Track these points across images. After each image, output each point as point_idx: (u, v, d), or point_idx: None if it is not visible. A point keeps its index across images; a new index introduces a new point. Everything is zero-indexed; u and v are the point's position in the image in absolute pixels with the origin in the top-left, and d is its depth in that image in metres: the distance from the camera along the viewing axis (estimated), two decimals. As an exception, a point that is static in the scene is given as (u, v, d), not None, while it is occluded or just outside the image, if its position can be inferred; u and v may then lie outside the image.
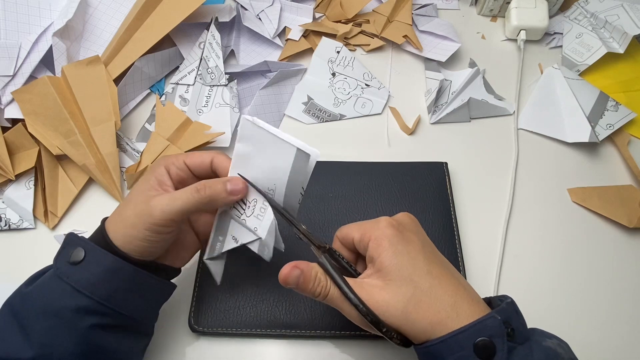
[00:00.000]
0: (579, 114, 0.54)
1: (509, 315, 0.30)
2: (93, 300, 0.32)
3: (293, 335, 0.42)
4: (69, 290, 0.32)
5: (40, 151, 0.50)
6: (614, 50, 0.58)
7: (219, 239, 0.37)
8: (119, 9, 0.58)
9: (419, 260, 0.32)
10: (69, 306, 0.31)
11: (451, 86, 0.58)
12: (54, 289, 0.32)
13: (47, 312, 0.31)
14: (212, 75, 0.57)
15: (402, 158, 0.52)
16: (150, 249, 0.33)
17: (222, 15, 0.60)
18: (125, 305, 0.33)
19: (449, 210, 0.48)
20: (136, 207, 0.33)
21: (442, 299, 0.30)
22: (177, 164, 0.35)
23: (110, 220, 0.34)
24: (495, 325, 0.29)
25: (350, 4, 0.63)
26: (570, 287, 0.46)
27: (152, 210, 0.32)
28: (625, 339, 0.43)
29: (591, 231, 0.49)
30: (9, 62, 0.51)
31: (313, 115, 0.57)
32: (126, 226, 0.33)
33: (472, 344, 0.28)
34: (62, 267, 0.32)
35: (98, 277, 0.32)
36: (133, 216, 0.33)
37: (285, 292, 0.43)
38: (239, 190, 0.34)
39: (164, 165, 0.35)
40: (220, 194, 0.33)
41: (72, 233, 0.34)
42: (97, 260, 0.32)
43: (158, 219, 0.32)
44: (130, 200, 0.34)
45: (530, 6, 0.61)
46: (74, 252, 0.33)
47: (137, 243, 0.32)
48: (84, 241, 0.33)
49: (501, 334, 0.29)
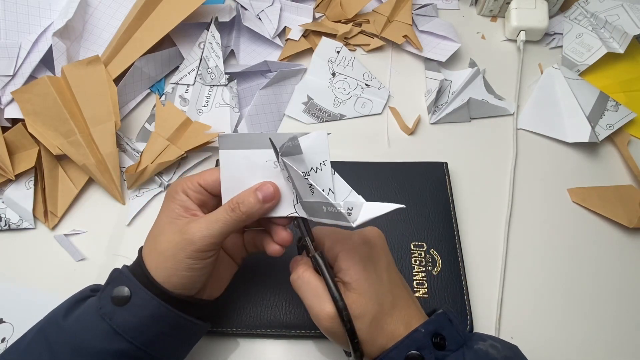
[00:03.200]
0: (579, 114, 0.54)
1: (440, 325, 0.32)
2: (133, 345, 0.31)
3: (293, 335, 0.42)
4: (111, 333, 0.30)
5: (40, 151, 0.50)
6: (614, 50, 0.58)
7: (324, 209, 0.32)
8: (119, 9, 0.58)
9: (384, 279, 0.33)
10: (108, 349, 0.30)
11: (451, 86, 0.58)
12: (94, 327, 0.31)
13: (84, 351, 0.30)
14: (212, 75, 0.57)
15: (402, 158, 0.52)
16: (194, 278, 0.32)
17: (222, 15, 0.60)
18: (163, 350, 0.33)
19: (449, 210, 0.48)
20: (173, 238, 0.32)
21: (400, 320, 0.32)
22: (193, 187, 0.34)
23: (146, 253, 0.33)
24: (421, 338, 0.31)
25: (350, 4, 0.63)
26: (570, 287, 0.46)
27: (191, 237, 0.31)
28: (625, 338, 0.43)
29: (591, 231, 0.49)
30: (9, 62, 0.51)
31: (313, 115, 0.57)
32: (166, 259, 0.31)
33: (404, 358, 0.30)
34: (106, 307, 0.31)
35: (141, 322, 0.31)
36: (172, 248, 0.31)
37: (285, 292, 0.43)
38: (271, 195, 0.32)
39: (181, 191, 0.33)
40: (255, 205, 0.32)
41: (117, 269, 0.33)
42: (142, 304, 0.31)
43: (200, 245, 0.31)
44: (161, 232, 0.33)
45: (530, 7, 0.61)
46: (117, 289, 0.31)
47: (180, 275, 0.31)
48: (129, 279, 0.32)
49: (427, 345, 0.30)
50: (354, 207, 0.30)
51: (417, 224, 0.47)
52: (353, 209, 0.30)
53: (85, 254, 0.47)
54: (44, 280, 0.46)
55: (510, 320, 0.44)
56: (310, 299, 0.32)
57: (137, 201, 0.50)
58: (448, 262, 0.45)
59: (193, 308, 0.34)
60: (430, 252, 0.45)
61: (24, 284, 0.46)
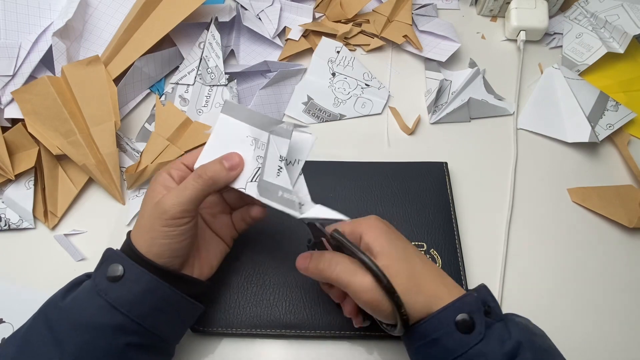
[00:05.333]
0: (579, 114, 0.54)
1: (486, 296, 0.33)
2: (129, 318, 0.32)
3: (293, 335, 0.42)
4: (107, 307, 0.32)
5: (40, 151, 0.50)
6: (614, 50, 0.58)
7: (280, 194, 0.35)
8: (119, 9, 0.58)
9: (409, 248, 0.35)
10: (105, 323, 0.32)
11: (451, 86, 0.58)
12: (91, 304, 0.32)
13: (83, 327, 0.32)
14: (212, 75, 0.57)
15: (402, 158, 0.52)
16: (172, 246, 0.34)
17: (222, 15, 0.60)
18: (159, 325, 0.34)
19: (449, 210, 0.48)
20: (150, 211, 0.34)
21: (435, 279, 0.34)
22: (176, 166, 0.37)
23: (133, 233, 0.35)
24: (473, 302, 0.32)
25: (350, 4, 0.63)
26: (570, 287, 0.46)
27: (164, 206, 0.33)
28: (625, 338, 0.43)
29: (591, 231, 0.49)
30: (9, 62, 0.51)
31: (313, 115, 0.57)
32: (146, 231, 0.34)
33: (454, 321, 0.31)
34: (101, 283, 0.33)
35: (136, 296, 0.33)
36: (150, 220, 0.34)
37: (285, 292, 0.43)
38: (236, 163, 0.35)
39: (165, 172, 0.36)
40: (221, 172, 0.35)
41: (110, 248, 0.35)
42: (136, 278, 0.33)
43: (172, 213, 0.33)
44: (143, 209, 0.35)
45: (530, 6, 0.61)
46: (112, 267, 0.33)
47: (158, 243, 0.33)
48: (121, 257, 0.34)
49: (479, 309, 0.32)
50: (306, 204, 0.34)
51: (417, 224, 0.47)
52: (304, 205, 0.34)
53: (85, 254, 0.47)
54: (44, 280, 0.46)
55: (510, 320, 0.44)
56: (347, 277, 0.33)
57: (137, 201, 0.50)
58: (448, 262, 0.45)
59: (185, 285, 0.35)
60: (430, 252, 0.45)
61: (24, 284, 0.46)
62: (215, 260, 0.39)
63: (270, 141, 0.35)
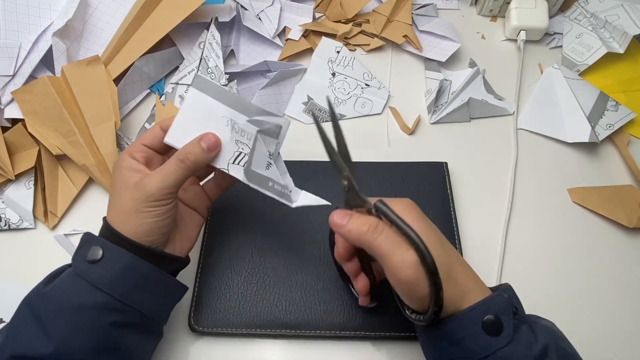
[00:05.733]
0: (579, 114, 0.54)
1: (513, 297, 0.32)
2: (112, 297, 0.32)
3: (293, 335, 0.42)
4: (89, 288, 0.32)
5: (40, 151, 0.50)
6: (614, 50, 0.58)
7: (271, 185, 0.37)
8: (119, 9, 0.58)
9: (444, 238, 0.34)
10: (88, 303, 0.32)
11: (451, 86, 0.58)
12: (73, 287, 0.33)
13: (67, 309, 0.32)
14: (212, 75, 0.57)
15: (402, 158, 0.52)
16: (158, 223, 0.34)
17: (222, 15, 0.60)
18: (142, 302, 0.34)
19: (449, 210, 0.48)
20: (132, 195, 0.34)
21: (468, 273, 0.33)
22: (138, 149, 0.37)
23: (111, 217, 0.35)
24: (503, 303, 0.31)
25: (350, 4, 0.63)
26: (570, 287, 0.46)
27: (149, 190, 0.33)
28: (626, 338, 0.43)
29: (591, 231, 0.49)
30: (9, 62, 0.51)
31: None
32: (131, 214, 0.34)
33: (481, 321, 0.30)
34: (81, 266, 0.33)
35: (116, 275, 0.33)
36: (133, 203, 0.34)
37: (285, 292, 0.43)
38: (213, 144, 0.36)
39: (128, 156, 0.36)
40: (201, 154, 0.35)
41: (88, 232, 0.35)
42: (116, 258, 0.33)
43: (158, 196, 0.34)
44: (120, 194, 0.35)
45: (530, 6, 0.61)
46: (91, 250, 0.33)
47: (145, 223, 0.34)
48: (101, 240, 0.34)
49: (508, 311, 0.30)
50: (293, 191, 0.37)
51: (417, 224, 0.47)
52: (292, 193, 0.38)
53: (85, 254, 0.47)
54: (44, 280, 0.46)
55: (510, 320, 0.44)
56: (390, 248, 0.31)
57: (137, 201, 0.50)
58: (448, 262, 0.45)
59: (166, 263, 0.36)
60: (430, 252, 0.45)
61: (24, 283, 0.45)
62: (194, 233, 0.40)
63: (258, 139, 0.37)
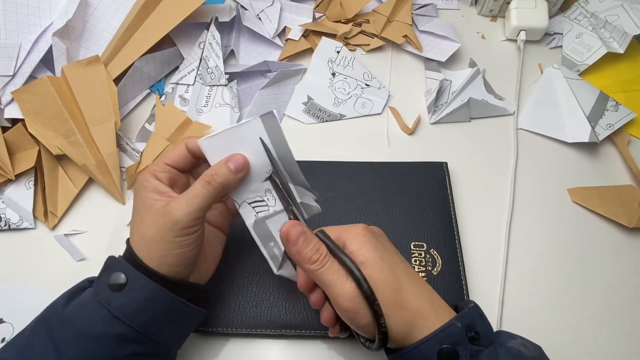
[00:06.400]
0: (579, 114, 0.54)
1: (473, 320, 0.31)
2: (131, 328, 0.32)
3: (293, 335, 0.42)
4: (109, 317, 0.31)
5: (40, 151, 0.50)
6: (614, 50, 0.58)
7: (272, 245, 0.37)
8: (119, 9, 0.58)
9: (396, 261, 0.33)
10: (108, 333, 0.31)
11: (451, 86, 0.58)
12: (94, 314, 0.32)
13: (85, 337, 0.31)
14: (212, 75, 0.57)
15: (402, 158, 0.52)
16: (186, 254, 0.33)
17: (222, 15, 0.60)
18: (161, 333, 0.33)
19: (449, 210, 0.48)
20: (157, 221, 0.32)
21: (421, 295, 0.32)
22: (161, 169, 0.35)
23: (134, 243, 0.34)
24: (457, 332, 0.30)
25: (350, 4, 0.63)
26: (570, 287, 0.46)
27: (175, 217, 0.32)
28: (625, 338, 0.43)
29: (591, 231, 0.49)
30: (9, 62, 0.51)
31: (313, 115, 0.57)
32: (156, 243, 0.32)
33: (436, 352, 0.29)
34: (103, 292, 0.32)
35: (138, 305, 0.32)
36: (159, 231, 0.32)
37: (285, 292, 0.43)
38: (242, 165, 0.33)
39: (151, 176, 0.34)
40: (229, 176, 0.33)
41: (112, 256, 0.34)
42: (139, 288, 0.32)
43: (185, 222, 0.32)
44: (144, 219, 0.33)
45: (530, 6, 0.61)
46: (114, 276, 0.32)
47: (173, 253, 0.32)
48: (124, 266, 0.33)
49: (463, 340, 0.30)
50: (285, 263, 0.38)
51: (417, 224, 0.47)
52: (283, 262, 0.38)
53: (85, 254, 0.47)
54: (44, 280, 0.46)
55: (510, 321, 0.44)
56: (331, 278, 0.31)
57: (137, 201, 0.50)
58: (448, 262, 0.45)
59: (186, 292, 0.35)
60: (430, 252, 0.45)
61: (24, 284, 0.46)
62: (218, 252, 0.39)
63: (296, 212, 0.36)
